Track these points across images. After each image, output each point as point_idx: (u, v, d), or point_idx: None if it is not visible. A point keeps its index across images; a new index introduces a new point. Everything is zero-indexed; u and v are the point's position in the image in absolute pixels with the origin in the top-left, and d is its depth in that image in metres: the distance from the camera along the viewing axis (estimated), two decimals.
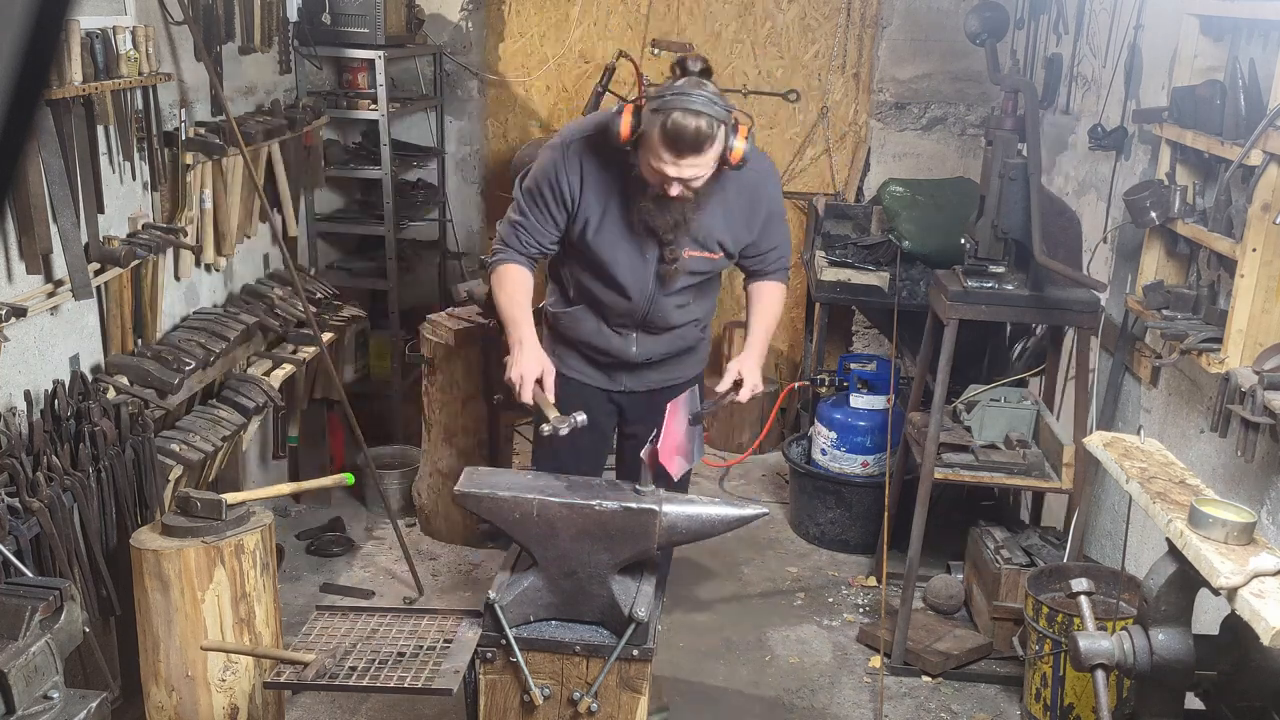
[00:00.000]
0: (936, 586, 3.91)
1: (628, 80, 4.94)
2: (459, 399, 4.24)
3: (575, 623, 2.52)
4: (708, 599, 4.08)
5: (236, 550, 2.72)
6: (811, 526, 4.54)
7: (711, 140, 2.51)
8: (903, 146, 5.42)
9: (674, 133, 2.47)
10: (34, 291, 2.87)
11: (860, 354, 5.21)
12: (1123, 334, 3.58)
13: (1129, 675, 2.19)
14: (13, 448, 2.65)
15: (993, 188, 3.39)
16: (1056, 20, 4.39)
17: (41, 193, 2.81)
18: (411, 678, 2.37)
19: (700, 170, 2.56)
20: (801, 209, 5.51)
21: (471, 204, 5.64)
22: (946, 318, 3.44)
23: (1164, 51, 3.45)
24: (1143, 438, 2.64)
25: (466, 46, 5.44)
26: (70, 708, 2.06)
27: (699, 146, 2.50)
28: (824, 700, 3.50)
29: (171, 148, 3.49)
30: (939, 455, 3.56)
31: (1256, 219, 2.66)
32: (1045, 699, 3.19)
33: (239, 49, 4.00)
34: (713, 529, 2.58)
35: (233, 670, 2.75)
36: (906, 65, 5.33)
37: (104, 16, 3.13)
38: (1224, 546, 2.02)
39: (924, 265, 4.63)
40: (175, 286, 3.66)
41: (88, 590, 2.73)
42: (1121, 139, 3.74)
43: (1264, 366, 2.55)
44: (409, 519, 4.47)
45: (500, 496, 2.48)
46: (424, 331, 4.31)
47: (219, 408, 3.47)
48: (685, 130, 2.46)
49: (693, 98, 2.48)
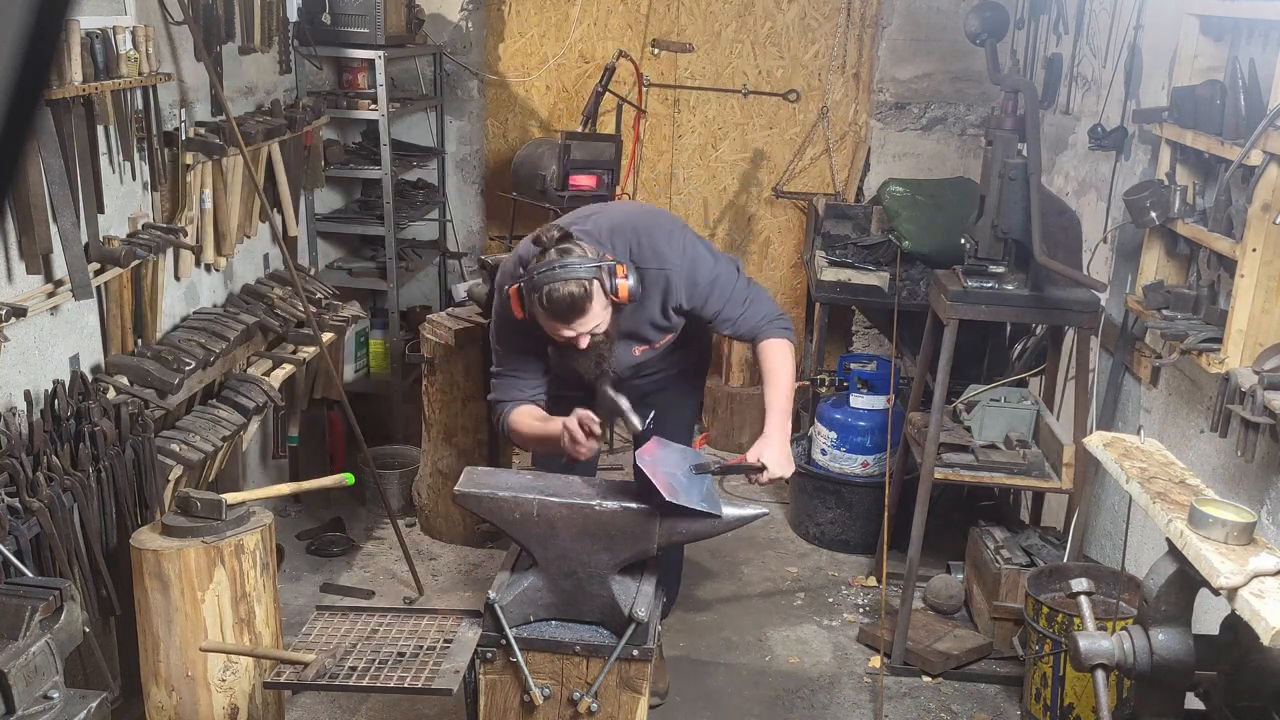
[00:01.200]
0: (936, 586, 3.91)
1: (628, 80, 4.95)
2: (459, 399, 4.24)
3: (575, 623, 2.52)
4: (708, 599, 4.08)
5: (236, 550, 2.72)
6: (811, 526, 4.54)
7: (589, 298, 2.60)
8: (903, 146, 5.42)
9: (552, 306, 2.59)
10: (34, 291, 2.87)
11: (860, 354, 5.21)
12: (1123, 334, 3.58)
13: (1129, 675, 2.19)
14: (13, 448, 2.65)
15: (993, 188, 3.39)
16: (1056, 20, 4.39)
17: (41, 193, 2.81)
18: (411, 678, 2.37)
19: (594, 322, 2.66)
20: (801, 209, 5.51)
21: (471, 204, 5.65)
22: (946, 318, 3.44)
23: (1164, 51, 3.45)
24: (1143, 438, 2.64)
25: (466, 46, 5.44)
26: (70, 708, 2.06)
27: (580, 309, 2.61)
28: (824, 700, 3.50)
29: (171, 148, 3.49)
30: (939, 455, 3.56)
31: (1256, 219, 2.66)
32: (1045, 699, 3.19)
33: (239, 49, 4.00)
34: (713, 529, 2.58)
35: (233, 670, 2.75)
36: (906, 65, 5.33)
37: (104, 16, 3.13)
38: (1224, 546, 2.02)
39: (924, 265, 4.63)
40: (175, 286, 3.66)
41: (88, 590, 2.73)
42: (1121, 139, 3.74)
43: (1264, 366, 2.55)
44: (409, 519, 4.47)
45: (500, 496, 2.48)
46: (424, 331, 4.32)
47: (219, 408, 3.47)
48: (561, 300, 2.59)
49: (557, 269, 2.58)
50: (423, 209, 5.33)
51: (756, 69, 5.39)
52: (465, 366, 4.20)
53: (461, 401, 4.24)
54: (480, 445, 4.28)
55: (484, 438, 4.29)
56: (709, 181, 5.54)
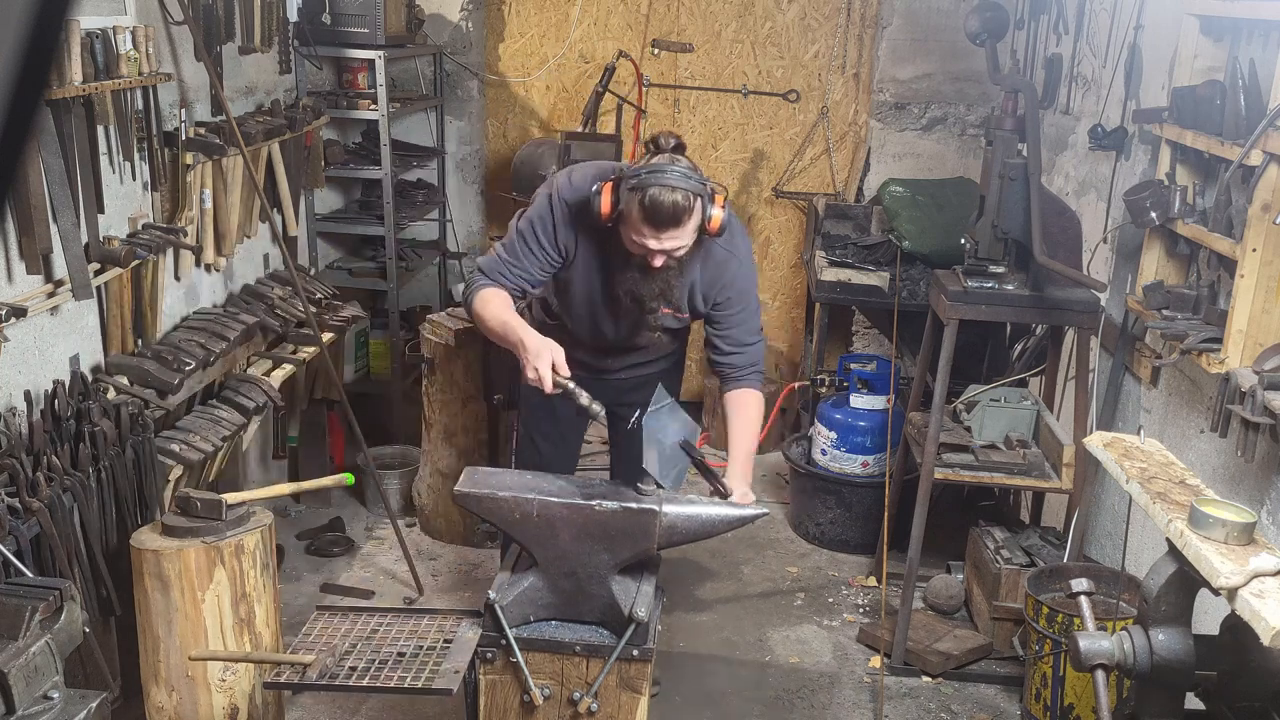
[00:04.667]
0: (936, 586, 3.91)
1: (628, 80, 4.95)
2: (459, 399, 4.24)
3: (575, 623, 2.52)
4: (708, 599, 4.08)
5: (236, 550, 2.72)
6: (811, 526, 4.54)
7: (689, 212, 2.59)
8: (903, 146, 5.42)
9: (652, 208, 2.56)
10: (34, 291, 2.87)
11: (860, 354, 5.21)
12: (1123, 334, 3.58)
13: (1129, 675, 2.20)
14: (13, 448, 2.65)
15: (993, 188, 3.39)
16: (1056, 20, 4.39)
17: (41, 193, 2.81)
18: (411, 678, 2.37)
19: (681, 241, 2.64)
20: (801, 209, 5.51)
21: (471, 204, 5.65)
22: (946, 318, 3.44)
23: (1164, 51, 3.45)
24: (1143, 438, 2.64)
25: (466, 46, 5.44)
26: (70, 708, 2.06)
27: (678, 220, 2.58)
28: (824, 700, 3.50)
29: (171, 148, 3.49)
30: (939, 455, 3.56)
31: (1256, 219, 2.66)
32: (1045, 699, 3.19)
33: (239, 49, 4.00)
34: (713, 529, 2.58)
35: (233, 670, 2.75)
36: (906, 65, 5.33)
37: (104, 16, 3.13)
38: (1224, 547, 2.02)
39: (924, 265, 4.63)
40: (175, 286, 3.66)
41: (88, 590, 2.73)
42: (1121, 139, 3.74)
43: (1264, 366, 2.55)
44: (409, 519, 4.47)
45: (500, 496, 2.48)
46: (424, 331, 4.32)
47: (219, 408, 3.47)
48: (663, 205, 2.55)
49: (668, 174, 2.56)
50: (423, 209, 5.33)
51: (756, 69, 5.39)
52: (465, 366, 4.20)
53: (461, 401, 4.23)
54: (480, 445, 4.28)
55: (484, 438, 4.29)
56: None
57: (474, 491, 2.50)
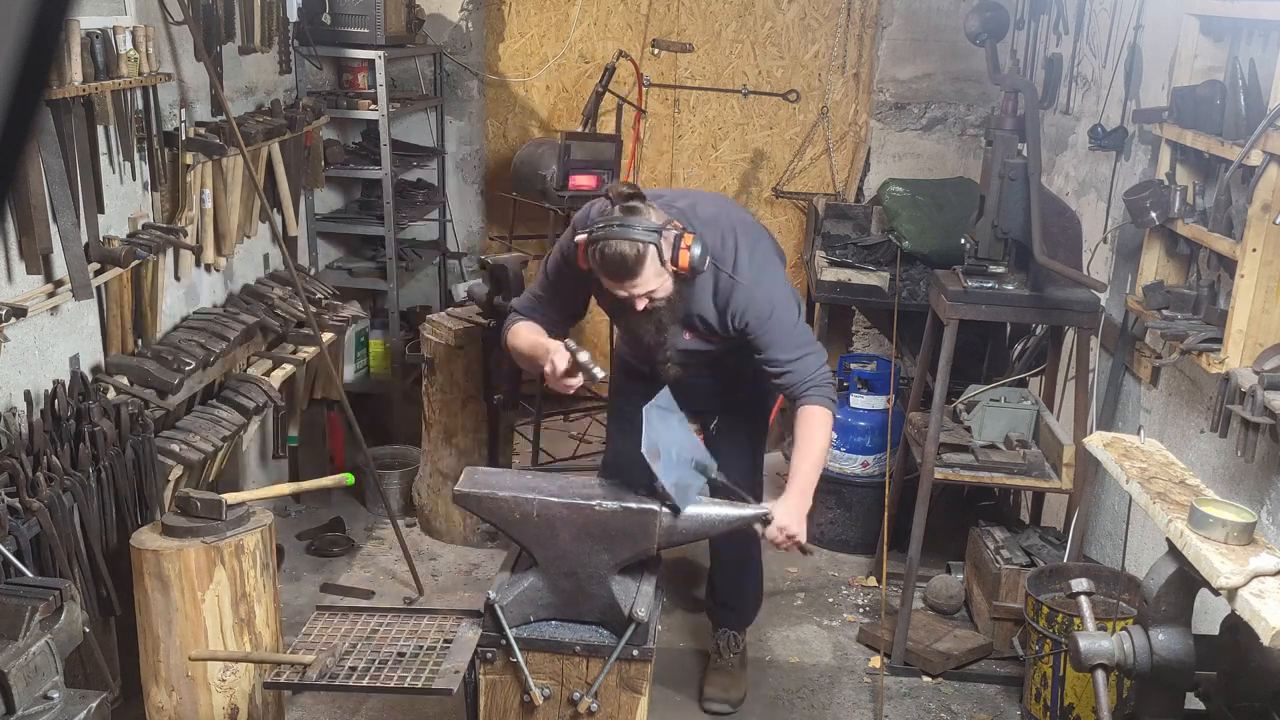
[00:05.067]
0: (936, 586, 3.91)
1: (627, 80, 4.95)
2: (459, 399, 4.23)
3: (575, 623, 2.52)
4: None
5: (236, 550, 2.72)
6: (811, 526, 4.49)
7: (641, 261, 2.61)
8: (903, 146, 5.42)
9: (605, 263, 2.62)
10: (34, 291, 2.87)
11: (860, 354, 5.20)
12: (1123, 334, 3.58)
13: (1129, 675, 2.20)
14: (13, 448, 2.65)
15: (993, 188, 3.39)
16: (1056, 20, 4.39)
17: (41, 193, 2.81)
18: (411, 678, 2.37)
19: (648, 287, 2.68)
20: (801, 209, 5.51)
21: (471, 204, 5.65)
22: (946, 318, 3.44)
23: (1164, 51, 3.45)
24: (1143, 438, 2.64)
25: (466, 46, 5.44)
26: (70, 708, 2.06)
27: (630, 271, 2.63)
28: (824, 700, 3.50)
29: (171, 148, 3.49)
30: (939, 455, 3.56)
31: (1256, 219, 2.66)
32: (1045, 699, 3.19)
33: (239, 49, 4.00)
34: (713, 529, 2.59)
35: (233, 670, 2.75)
36: (906, 65, 5.33)
37: (104, 16, 3.13)
38: (1224, 547, 2.02)
39: (924, 265, 4.63)
40: (175, 286, 3.66)
41: (88, 590, 2.73)
42: (1121, 139, 3.73)
43: (1264, 366, 2.55)
44: (409, 519, 4.47)
45: (500, 496, 2.48)
46: (424, 331, 4.32)
47: (219, 408, 3.47)
48: (612, 259, 2.61)
49: (614, 227, 2.60)
50: (423, 209, 5.33)
51: (756, 69, 5.39)
52: (465, 366, 4.20)
53: (461, 401, 4.23)
54: (480, 445, 4.28)
55: (484, 438, 4.29)
56: (709, 182, 5.54)
57: (474, 491, 2.51)
